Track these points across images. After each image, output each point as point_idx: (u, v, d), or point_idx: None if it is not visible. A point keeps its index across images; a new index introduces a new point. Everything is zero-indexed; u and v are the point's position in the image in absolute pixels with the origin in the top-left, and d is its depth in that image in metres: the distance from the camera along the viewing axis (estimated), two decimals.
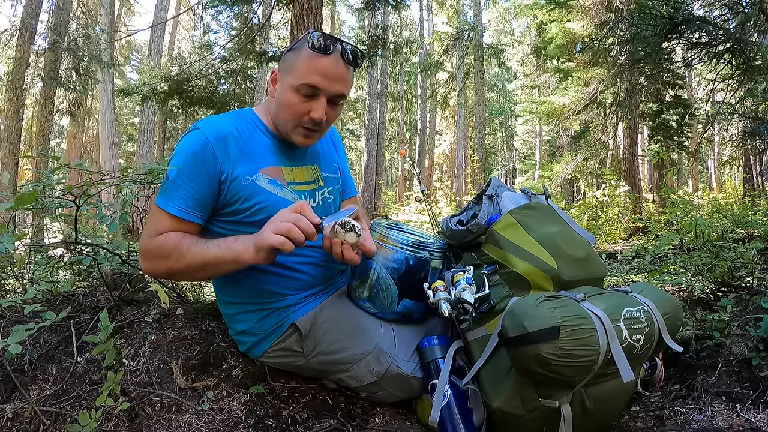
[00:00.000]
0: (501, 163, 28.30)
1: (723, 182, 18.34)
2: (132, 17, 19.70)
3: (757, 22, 3.78)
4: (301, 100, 1.07)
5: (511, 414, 1.00)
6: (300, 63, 1.06)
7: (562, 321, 0.89)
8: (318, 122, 1.08)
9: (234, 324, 1.22)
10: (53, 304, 1.47)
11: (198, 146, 1.05)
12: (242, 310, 1.18)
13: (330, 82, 1.06)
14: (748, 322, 1.43)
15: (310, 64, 1.05)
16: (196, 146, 1.05)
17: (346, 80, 1.09)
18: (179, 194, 1.04)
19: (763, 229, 3.23)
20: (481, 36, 15.27)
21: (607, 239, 7.08)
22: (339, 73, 1.06)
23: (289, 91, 1.07)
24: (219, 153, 1.05)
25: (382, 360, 1.13)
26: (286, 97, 1.08)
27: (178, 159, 1.05)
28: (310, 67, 1.05)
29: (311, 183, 1.21)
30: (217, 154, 1.05)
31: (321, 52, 1.04)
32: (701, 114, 8.88)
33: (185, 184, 1.04)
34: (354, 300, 1.21)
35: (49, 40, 8.97)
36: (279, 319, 1.16)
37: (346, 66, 1.07)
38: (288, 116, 1.09)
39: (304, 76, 1.05)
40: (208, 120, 1.10)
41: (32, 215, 4.37)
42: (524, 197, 1.28)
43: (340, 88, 1.07)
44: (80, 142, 15.12)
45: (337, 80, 1.06)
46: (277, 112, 1.12)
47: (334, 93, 1.07)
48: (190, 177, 1.04)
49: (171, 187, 1.05)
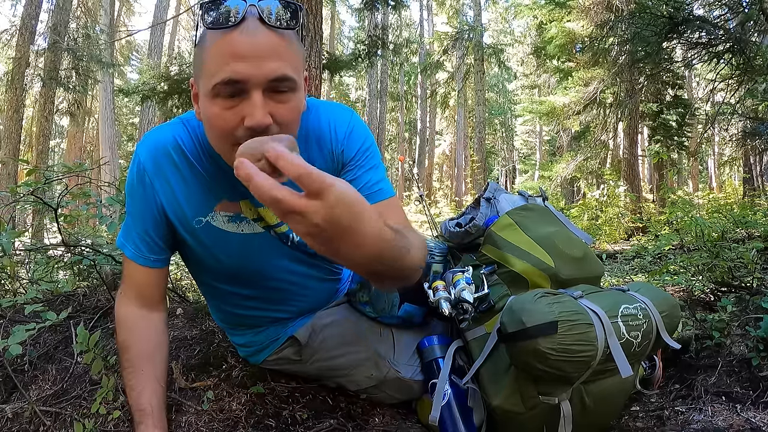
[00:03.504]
0: (501, 163, 28.30)
1: (723, 182, 18.35)
2: (132, 17, 19.73)
3: (757, 22, 3.78)
4: (224, 107, 0.70)
5: (511, 412, 1.00)
6: (208, 55, 0.71)
7: (560, 316, 0.90)
8: (261, 129, 0.68)
9: (231, 337, 1.21)
10: (53, 304, 1.47)
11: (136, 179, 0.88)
12: (236, 326, 1.16)
13: (253, 63, 0.67)
14: (748, 322, 1.43)
15: (217, 51, 0.69)
16: (135, 179, 0.88)
17: (278, 52, 0.69)
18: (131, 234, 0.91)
19: (763, 229, 3.23)
20: (481, 36, 15.28)
21: (607, 239, 7.09)
22: (262, 45, 0.68)
23: (206, 100, 0.72)
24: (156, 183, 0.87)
25: (381, 366, 1.12)
26: (209, 111, 0.72)
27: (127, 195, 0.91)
28: (217, 55, 0.69)
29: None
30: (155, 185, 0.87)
31: (222, 25, 0.68)
32: (701, 114, 8.88)
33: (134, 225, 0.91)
34: (354, 304, 1.20)
35: (48, 40, 8.97)
36: (276, 334, 1.14)
37: (270, 31, 0.69)
38: (219, 135, 0.74)
39: (218, 67, 0.69)
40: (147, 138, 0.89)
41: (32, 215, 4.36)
42: (521, 199, 1.30)
43: (273, 67, 0.68)
44: (80, 142, 15.13)
45: (264, 57, 0.68)
46: (208, 131, 0.78)
47: (267, 77, 0.68)
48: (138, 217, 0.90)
49: (129, 230, 0.92)
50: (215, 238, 0.92)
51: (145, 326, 0.95)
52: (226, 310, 1.11)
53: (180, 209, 0.89)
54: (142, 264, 0.92)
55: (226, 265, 0.96)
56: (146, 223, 0.90)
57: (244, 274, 0.99)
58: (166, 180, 0.87)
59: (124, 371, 0.93)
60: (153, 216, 0.89)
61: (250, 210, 0.92)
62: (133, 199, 0.89)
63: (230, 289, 1.03)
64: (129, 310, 0.95)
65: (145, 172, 0.86)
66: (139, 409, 0.90)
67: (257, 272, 0.99)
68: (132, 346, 0.94)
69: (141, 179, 0.87)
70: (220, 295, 1.07)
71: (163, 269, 0.96)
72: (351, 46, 23.22)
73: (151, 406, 0.90)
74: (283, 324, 1.13)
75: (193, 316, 1.43)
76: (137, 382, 0.91)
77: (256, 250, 0.95)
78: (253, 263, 0.97)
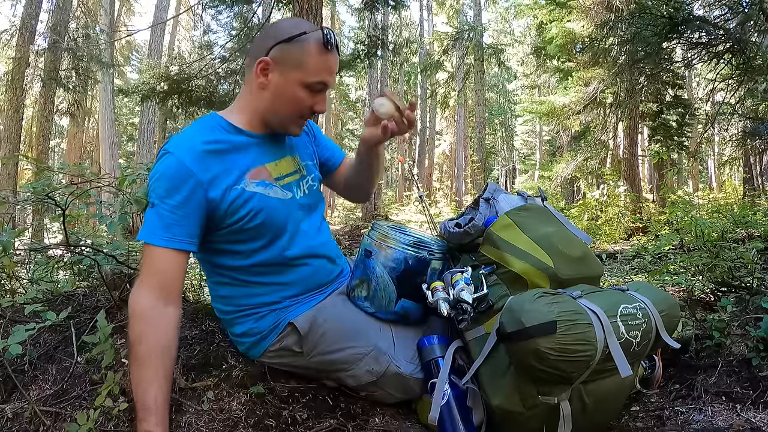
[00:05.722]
0: (501, 163, 28.30)
1: (723, 182, 18.34)
2: (132, 17, 19.70)
3: (757, 22, 3.78)
4: (309, 95, 1.07)
5: (511, 412, 1.00)
6: (310, 60, 1.03)
7: (559, 316, 0.90)
8: (315, 114, 1.11)
9: (232, 327, 1.22)
10: (53, 304, 1.47)
11: (174, 170, 0.99)
12: (238, 315, 1.18)
13: (333, 77, 1.09)
14: (748, 322, 1.43)
15: (323, 62, 1.05)
16: (172, 170, 1.00)
17: None
18: (163, 223, 0.98)
19: (763, 229, 3.23)
20: (481, 36, 15.28)
21: (607, 239, 7.08)
22: (337, 66, 1.09)
23: (296, 86, 1.05)
24: (198, 172, 1.00)
25: (381, 360, 1.13)
26: (293, 93, 1.06)
27: (158, 189, 1.00)
28: (323, 64, 1.05)
29: (295, 173, 1.19)
30: (196, 174, 1.00)
31: (331, 49, 1.05)
32: (701, 114, 8.89)
33: (168, 213, 0.99)
34: (353, 300, 1.22)
35: (48, 40, 8.97)
36: (276, 319, 1.16)
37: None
38: (292, 110, 1.09)
39: (318, 73, 1.05)
40: (177, 140, 1.05)
41: (32, 215, 4.37)
42: (521, 199, 1.30)
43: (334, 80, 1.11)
44: (80, 142, 15.13)
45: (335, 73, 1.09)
46: (273, 105, 1.08)
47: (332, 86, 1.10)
48: (173, 204, 0.99)
49: (154, 219, 0.99)
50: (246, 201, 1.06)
51: (161, 320, 0.97)
52: (240, 290, 1.14)
53: (219, 188, 1.03)
54: (175, 247, 0.98)
55: (257, 224, 1.07)
56: (187, 209, 1.00)
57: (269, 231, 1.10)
58: (205, 168, 1.02)
59: (134, 364, 0.94)
60: (194, 203, 1.00)
61: (275, 167, 1.13)
62: (171, 192, 0.99)
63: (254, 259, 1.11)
64: (147, 301, 0.97)
65: (186, 166, 1.00)
66: (143, 405, 0.90)
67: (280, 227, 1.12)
68: (146, 339, 0.94)
69: (181, 173, 1.00)
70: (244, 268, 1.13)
71: (187, 255, 1.02)
72: (351, 46, 23.22)
73: (156, 403, 0.90)
74: (283, 310, 1.16)
75: (193, 316, 1.43)
76: (145, 377, 0.92)
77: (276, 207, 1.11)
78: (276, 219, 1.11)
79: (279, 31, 1.06)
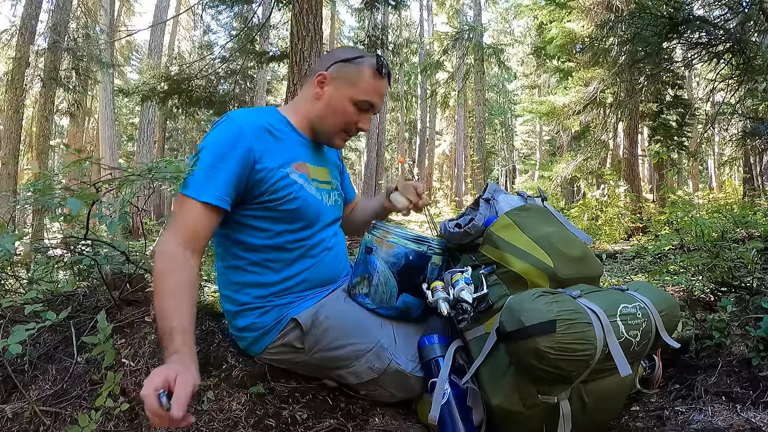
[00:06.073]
0: (501, 163, 28.30)
1: (723, 182, 18.34)
2: (132, 17, 19.70)
3: (757, 22, 3.78)
4: (355, 112, 1.20)
5: (511, 411, 1.00)
6: (363, 80, 1.18)
7: (559, 315, 0.90)
8: (359, 132, 1.25)
9: (235, 321, 1.22)
10: (53, 304, 1.47)
11: (232, 136, 1.08)
12: (243, 308, 1.19)
13: (380, 101, 1.24)
14: (748, 322, 1.43)
15: (374, 85, 1.19)
16: (230, 136, 1.08)
17: None
18: (213, 183, 1.05)
19: (763, 229, 3.23)
20: (481, 36, 15.28)
21: (607, 239, 7.08)
22: (385, 91, 1.24)
23: (346, 101, 1.19)
24: (254, 143, 1.09)
25: (383, 356, 1.13)
26: (343, 106, 1.19)
27: (211, 149, 1.07)
28: (374, 87, 1.19)
29: (328, 184, 1.29)
30: (252, 143, 1.09)
31: (383, 75, 1.20)
32: (701, 114, 8.88)
33: (219, 173, 1.05)
34: (354, 297, 1.22)
35: (48, 40, 8.96)
36: (279, 315, 1.17)
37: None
38: (338, 122, 1.21)
39: (368, 93, 1.19)
40: (239, 112, 1.15)
41: (32, 215, 4.37)
42: (521, 199, 1.30)
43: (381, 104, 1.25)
44: (80, 142, 15.12)
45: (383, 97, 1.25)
46: (323, 114, 1.21)
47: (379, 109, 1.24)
48: (225, 166, 1.06)
49: (203, 177, 1.05)
50: (288, 185, 1.14)
51: (185, 263, 1.02)
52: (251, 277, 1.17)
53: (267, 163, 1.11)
54: (210, 202, 1.04)
55: (291, 208, 1.15)
56: (232, 170, 1.06)
57: (299, 219, 1.18)
58: (261, 144, 1.11)
59: (160, 297, 0.97)
60: (243, 168, 1.08)
61: (314, 170, 1.23)
62: (223, 156, 1.06)
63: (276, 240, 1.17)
64: (172, 247, 1.02)
65: (244, 133, 1.09)
66: (168, 331, 0.91)
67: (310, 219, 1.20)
68: (172, 275, 0.99)
69: (238, 136, 1.08)
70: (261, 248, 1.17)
71: (219, 214, 1.07)
72: (351, 46, 23.21)
73: (181, 325, 0.92)
74: (287, 306, 1.17)
75: None
76: (169, 308, 0.95)
77: (311, 201, 1.19)
78: (308, 211, 1.19)
79: (340, 53, 1.23)
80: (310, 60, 4.03)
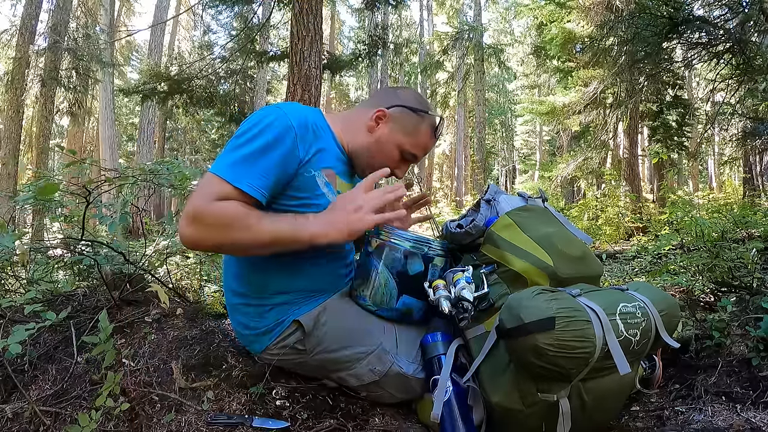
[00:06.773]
0: (501, 163, 28.28)
1: (723, 182, 18.33)
2: (132, 17, 19.69)
3: (757, 22, 3.77)
4: (398, 158, 1.22)
5: (510, 409, 1.00)
6: (419, 134, 1.21)
7: (558, 312, 0.90)
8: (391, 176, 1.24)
9: (236, 315, 1.21)
10: (53, 304, 1.47)
11: (282, 129, 1.04)
12: (246, 303, 1.18)
13: (423, 156, 1.28)
14: (748, 322, 1.43)
15: (426, 143, 1.23)
16: (280, 129, 1.04)
17: None
18: (253, 171, 1.00)
19: (763, 229, 3.23)
20: (481, 36, 15.29)
21: (607, 239, 7.08)
22: (430, 150, 1.29)
23: (394, 145, 1.20)
24: (300, 141, 1.07)
25: (384, 359, 1.13)
26: (390, 149, 1.20)
27: (260, 135, 1.02)
28: (424, 144, 1.23)
29: None
30: (298, 141, 1.06)
31: (436, 136, 1.25)
32: (701, 114, 8.88)
33: (261, 163, 1.01)
34: (355, 299, 1.22)
35: (49, 40, 8.96)
36: (280, 316, 1.16)
37: None
38: (380, 161, 1.20)
39: (417, 148, 1.22)
40: (291, 105, 1.12)
41: (32, 215, 4.36)
42: (521, 200, 1.30)
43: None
44: (80, 142, 15.12)
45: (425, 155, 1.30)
46: (369, 148, 1.21)
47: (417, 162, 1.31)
48: (269, 158, 1.02)
49: (243, 161, 1.00)
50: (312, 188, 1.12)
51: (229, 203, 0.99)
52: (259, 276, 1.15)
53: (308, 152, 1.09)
54: (251, 193, 1.00)
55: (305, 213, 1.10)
56: (277, 165, 1.03)
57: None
58: (305, 133, 1.09)
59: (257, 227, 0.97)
60: (286, 165, 1.05)
61: (342, 185, 1.21)
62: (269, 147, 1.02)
63: None
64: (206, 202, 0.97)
65: (291, 122, 1.06)
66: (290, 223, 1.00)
67: None
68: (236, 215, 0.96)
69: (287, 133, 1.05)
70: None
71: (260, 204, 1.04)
72: (351, 46, 23.22)
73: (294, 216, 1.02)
74: (290, 307, 1.16)
75: (193, 316, 1.43)
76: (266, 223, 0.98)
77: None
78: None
79: (408, 98, 1.23)
80: (310, 60, 4.03)
